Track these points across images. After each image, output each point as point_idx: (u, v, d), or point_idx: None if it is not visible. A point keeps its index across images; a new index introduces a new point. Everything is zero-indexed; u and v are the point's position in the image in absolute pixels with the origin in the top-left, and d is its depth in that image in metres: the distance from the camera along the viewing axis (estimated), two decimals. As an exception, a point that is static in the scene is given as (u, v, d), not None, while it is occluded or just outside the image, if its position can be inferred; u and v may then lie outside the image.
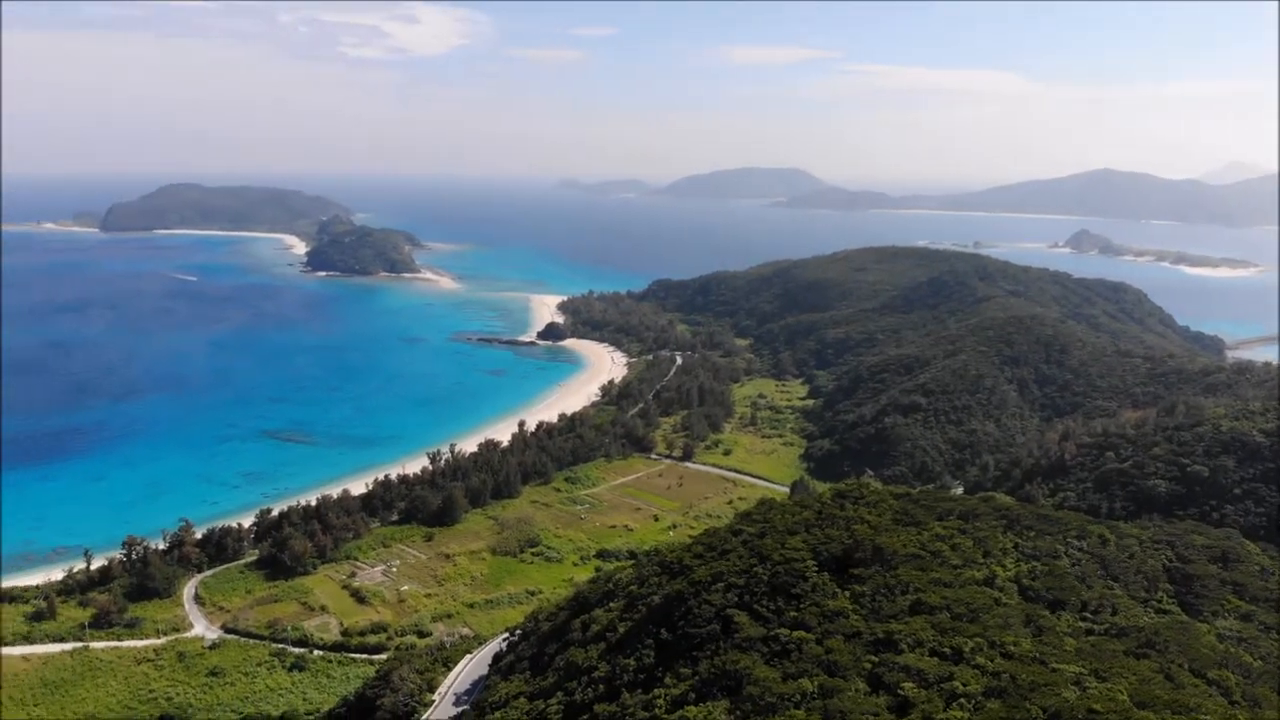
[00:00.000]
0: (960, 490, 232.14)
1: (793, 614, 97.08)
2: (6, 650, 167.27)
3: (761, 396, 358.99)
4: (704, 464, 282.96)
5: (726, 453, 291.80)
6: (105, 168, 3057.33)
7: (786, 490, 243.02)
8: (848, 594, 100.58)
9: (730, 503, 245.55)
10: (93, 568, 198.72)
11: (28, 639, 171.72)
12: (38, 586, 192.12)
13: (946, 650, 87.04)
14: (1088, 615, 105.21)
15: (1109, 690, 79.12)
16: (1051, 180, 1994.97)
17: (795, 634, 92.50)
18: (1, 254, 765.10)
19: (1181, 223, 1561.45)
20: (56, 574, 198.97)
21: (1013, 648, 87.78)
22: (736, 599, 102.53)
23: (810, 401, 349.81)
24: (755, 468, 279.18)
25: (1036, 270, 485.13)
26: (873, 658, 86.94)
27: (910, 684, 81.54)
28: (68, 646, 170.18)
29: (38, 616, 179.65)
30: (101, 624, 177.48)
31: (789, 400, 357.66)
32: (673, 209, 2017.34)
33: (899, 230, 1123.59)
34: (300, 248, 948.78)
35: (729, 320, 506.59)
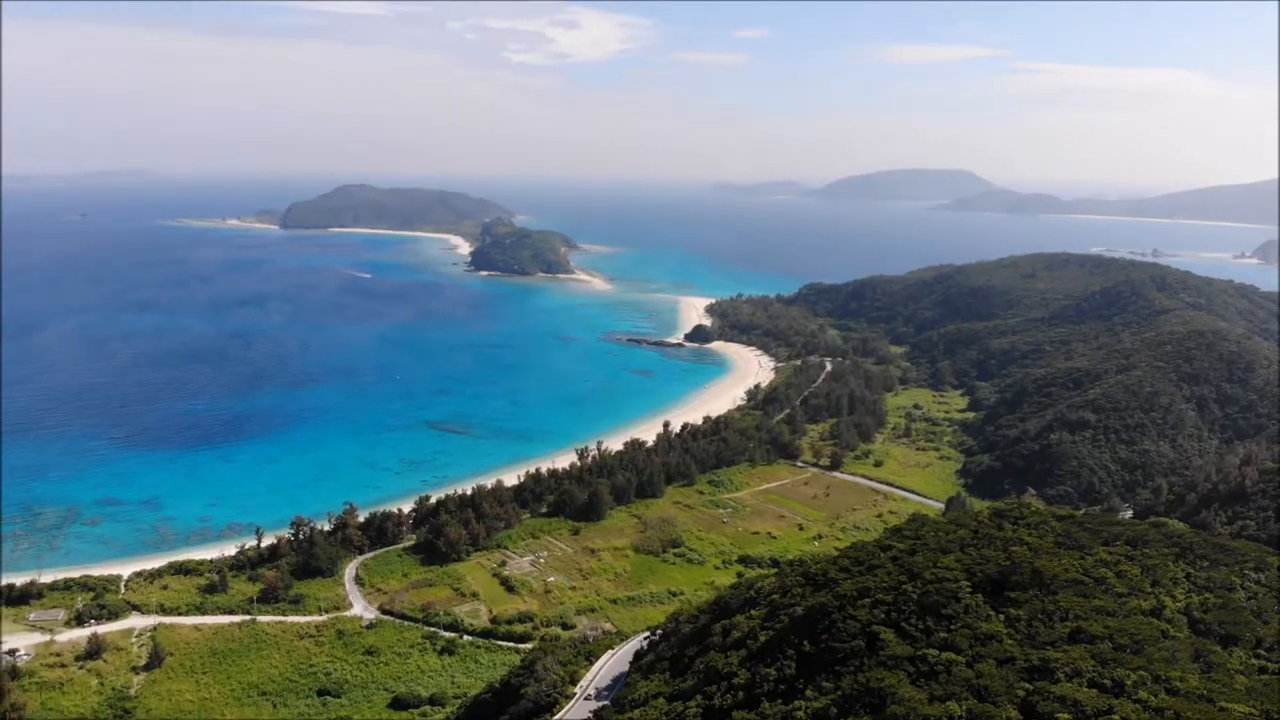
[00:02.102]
0: (1129, 514, 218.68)
1: (942, 635, 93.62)
2: (180, 619, 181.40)
3: (917, 407, 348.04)
4: (853, 474, 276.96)
5: (877, 464, 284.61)
6: (285, 168, 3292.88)
7: (940, 506, 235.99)
8: (1002, 617, 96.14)
9: (880, 516, 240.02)
10: (263, 545, 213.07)
11: (200, 610, 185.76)
12: (211, 561, 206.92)
13: (1106, 682, 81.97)
14: (1262, 653, 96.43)
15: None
16: (1238, 186, 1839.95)
17: (944, 655, 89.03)
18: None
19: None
20: (230, 549, 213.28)
21: (1178, 683, 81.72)
22: (883, 615, 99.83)
23: (970, 414, 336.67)
24: (908, 481, 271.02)
25: (1220, 282, 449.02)
26: (1026, 685, 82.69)
27: (1066, 715, 77.00)
28: (236, 619, 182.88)
29: (210, 589, 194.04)
30: (268, 599, 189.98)
31: (946, 412, 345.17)
32: (828, 211, 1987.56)
33: (1071, 236, 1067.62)
34: (464, 247, 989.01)
35: (884, 327, 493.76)
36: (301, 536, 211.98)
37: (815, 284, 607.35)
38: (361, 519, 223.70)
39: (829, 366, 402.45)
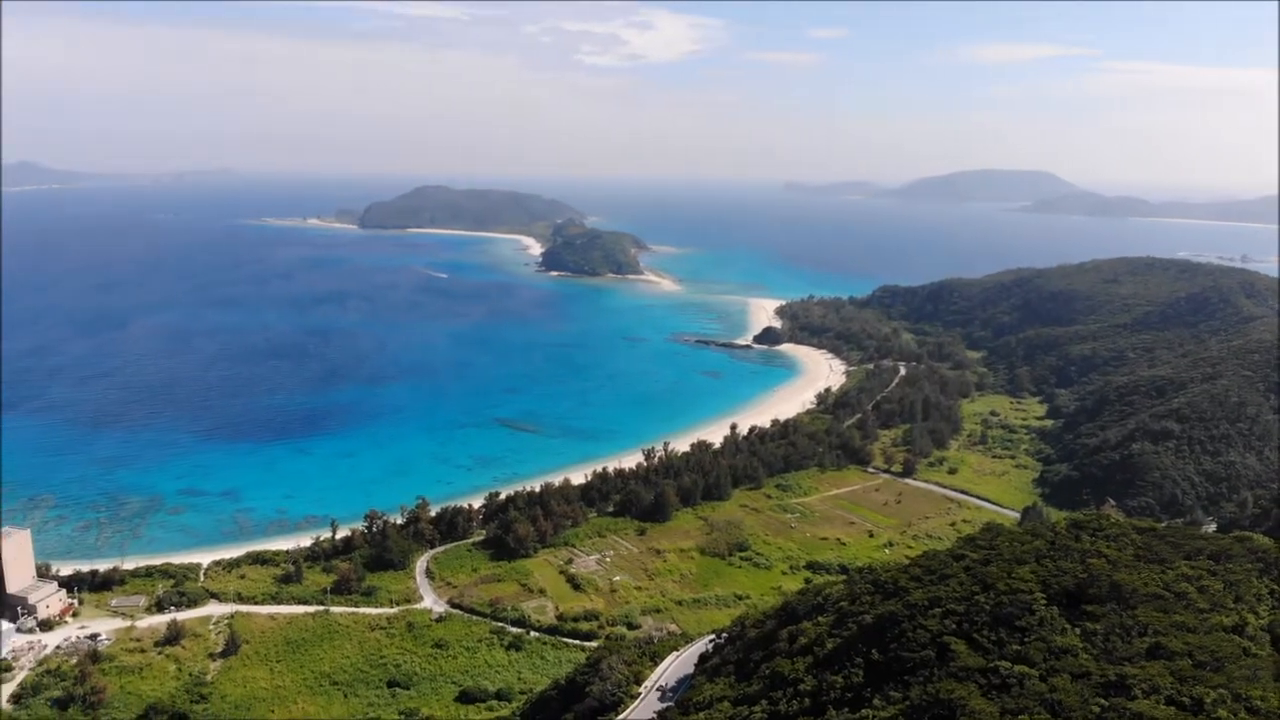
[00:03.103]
0: (1213, 527, 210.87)
1: (1015, 647, 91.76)
2: (256, 608, 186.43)
3: (993, 414, 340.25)
4: (925, 481, 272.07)
5: (951, 471, 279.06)
6: (363, 169, 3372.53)
7: (1016, 516, 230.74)
8: (1078, 631, 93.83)
9: (953, 525, 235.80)
10: (337, 537, 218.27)
11: (275, 599, 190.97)
12: (287, 551, 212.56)
13: (1185, 700, 79.39)
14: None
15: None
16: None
17: (1017, 668, 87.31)
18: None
19: None
20: (305, 541, 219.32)
21: (1259, 702, 78.68)
22: (955, 626, 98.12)
23: (1048, 422, 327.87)
24: (982, 489, 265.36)
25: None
26: (1102, 700, 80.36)
27: (1145, 735, 74.61)
28: (310, 609, 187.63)
29: (286, 579, 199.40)
30: (341, 590, 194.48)
31: (1024, 419, 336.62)
32: (903, 212, 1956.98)
33: (1157, 240, 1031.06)
34: (536, 248, 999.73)
35: (960, 331, 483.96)
36: (374, 529, 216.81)
37: (890, 286, 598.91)
38: (433, 513, 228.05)
39: (903, 371, 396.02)
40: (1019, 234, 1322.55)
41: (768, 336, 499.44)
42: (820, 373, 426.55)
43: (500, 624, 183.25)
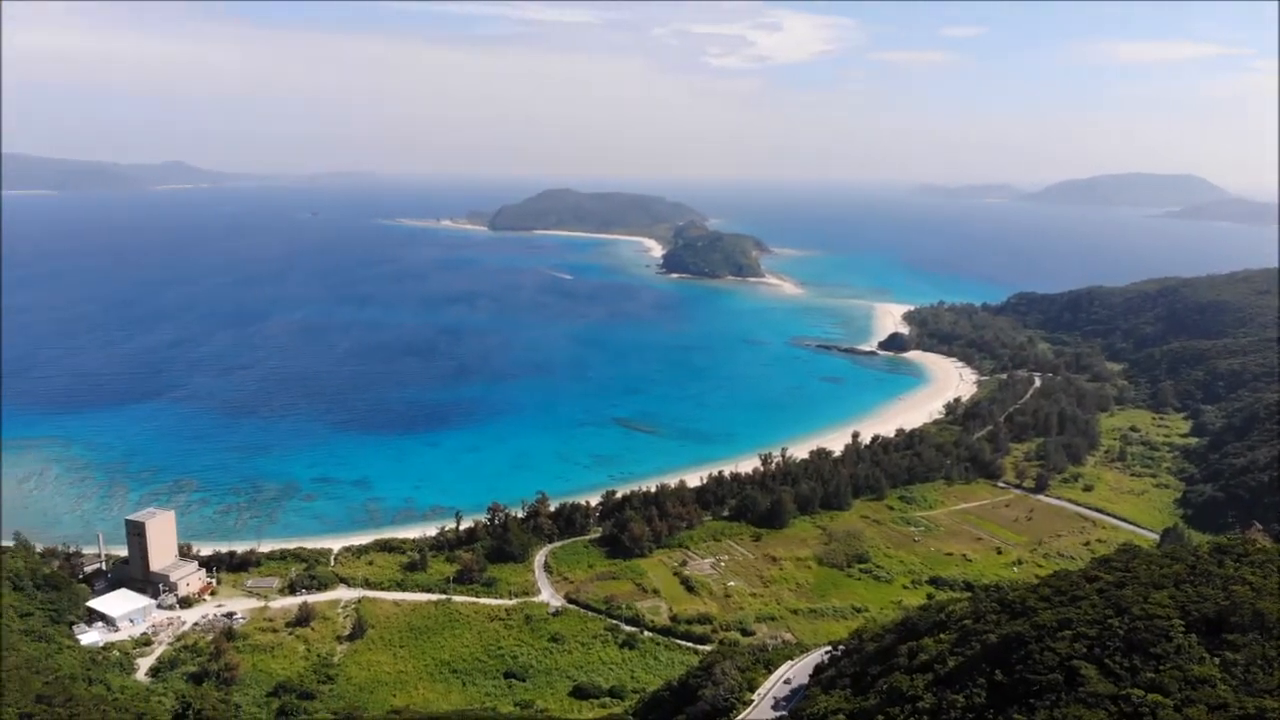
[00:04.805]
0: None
1: (1149, 675, 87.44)
2: (382, 594, 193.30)
3: (1134, 429, 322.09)
4: (1059, 498, 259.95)
5: (1087, 488, 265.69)
6: (491, 171, 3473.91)
7: (1154, 537, 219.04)
8: (1217, 660, 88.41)
9: (1087, 544, 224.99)
10: (461, 528, 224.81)
11: (401, 586, 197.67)
12: (413, 540, 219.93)
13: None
14: None
15: None
16: None
17: (1150, 697, 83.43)
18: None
19: None
20: (430, 530, 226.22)
21: None
22: (1085, 650, 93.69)
23: (1192, 439, 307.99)
24: (1119, 508, 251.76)
25: None
26: (1246, 738, 74.80)
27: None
28: (433, 597, 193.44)
29: (411, 567, 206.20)
30: (463, 579, 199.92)
31: (1166, 436, 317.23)
32: (1042, 216, 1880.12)
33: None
34: (657, 250, 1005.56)
35: (1100, 341, 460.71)
36: (496, 522, 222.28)
37: (1026, 293, 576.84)
38: (552, 508, 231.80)
39: (1038, 382, 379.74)
40: (1165, 241, 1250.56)
41: (894, 343, 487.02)
42: (949, 381, 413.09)
43: (615, 622, 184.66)
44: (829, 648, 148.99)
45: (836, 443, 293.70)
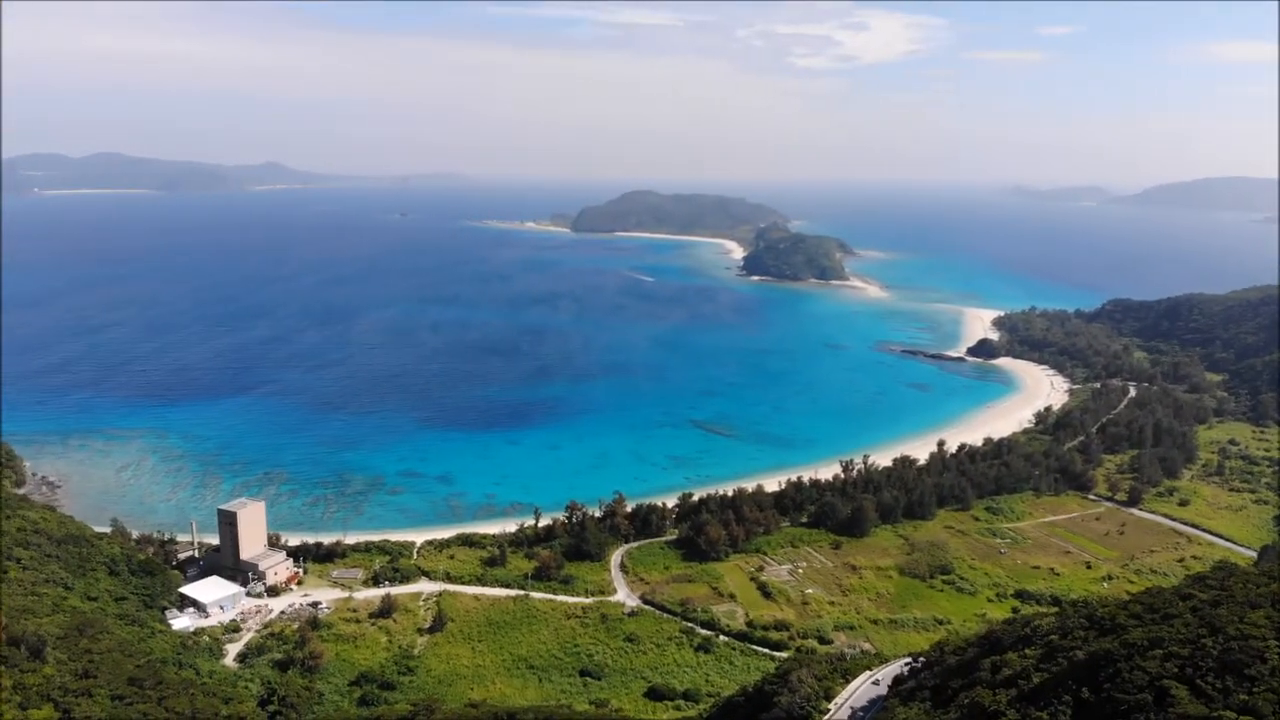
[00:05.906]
0: None
1: (1242, 697, 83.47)
2: (463, 588, 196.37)
3: (1233, 443, 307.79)
4: (1152, 512, 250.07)
5: (1182, 503, 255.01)
6: (575, 173, 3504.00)
7: (1253, 555, 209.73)
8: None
9: (1181, 561, 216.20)
10: (540, 525, 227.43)
11: (480, 581, 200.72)
12: (494, 536, 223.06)
13: None
14: None
15: None
16: None
17: (1243, 719, 79.24)
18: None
19: None
20: (510, 527, 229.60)
21: None
22: (1176, 670, 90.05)
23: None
24: (1216, 525, 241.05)
25: None
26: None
27: None
28: (512, 592, 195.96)
29: (491, 562, 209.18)
30: (541, 576, 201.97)
31: (1267, 450, 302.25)
32: (1139, 219, 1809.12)
33: None
34: (738, 252, 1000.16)
35: (1199, 351, 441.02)
36: (574, 520, 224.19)
37: (1121, 300, 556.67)
38: (629, 509, 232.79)
39: (1132, 392, 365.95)
40: (1269, 246, 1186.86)
41: (983, 349, 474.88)
42: (1040, 390, 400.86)
43: (690, 624, 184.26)
44: (909, 659, 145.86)
45: (921, 451, 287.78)
